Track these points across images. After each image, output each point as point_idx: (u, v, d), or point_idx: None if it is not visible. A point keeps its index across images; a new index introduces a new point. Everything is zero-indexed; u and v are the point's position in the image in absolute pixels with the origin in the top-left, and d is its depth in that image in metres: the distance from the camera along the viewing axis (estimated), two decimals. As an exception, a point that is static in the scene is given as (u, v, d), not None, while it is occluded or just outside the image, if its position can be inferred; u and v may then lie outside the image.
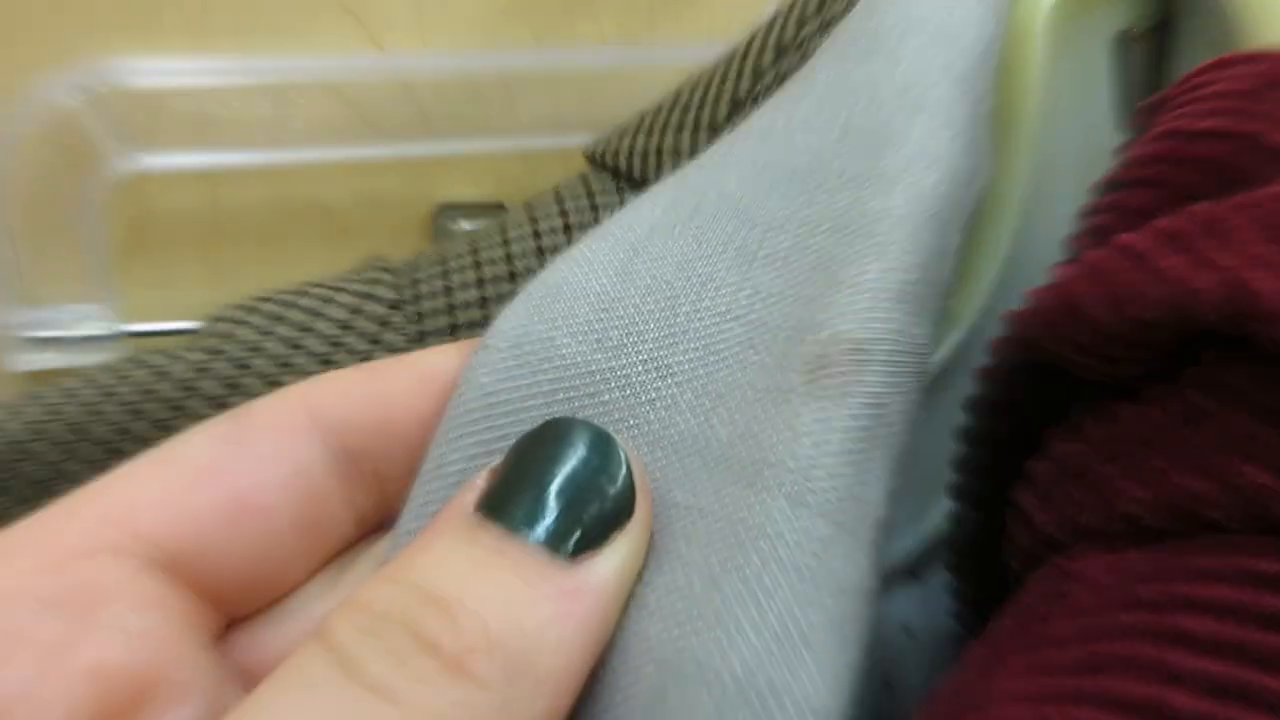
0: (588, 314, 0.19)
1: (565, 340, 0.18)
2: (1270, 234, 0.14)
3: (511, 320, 0.19)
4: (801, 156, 0.20)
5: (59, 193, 0.28)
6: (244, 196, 0.31)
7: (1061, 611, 0.14)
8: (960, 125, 0.20)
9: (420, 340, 0.26)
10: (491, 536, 0.15)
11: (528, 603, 0.15)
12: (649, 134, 0.29)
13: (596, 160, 0.29)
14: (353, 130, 0.31)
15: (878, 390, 0.17)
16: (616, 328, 0.19)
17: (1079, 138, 0.27)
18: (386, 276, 0.26)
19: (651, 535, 0.17)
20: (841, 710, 0.16)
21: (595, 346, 0.18)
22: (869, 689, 0.18)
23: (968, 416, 0.19)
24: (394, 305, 0.26)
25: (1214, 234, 0.14)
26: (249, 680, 0.17)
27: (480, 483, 0.16)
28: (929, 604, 0.28)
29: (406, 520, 0.18)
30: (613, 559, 0.16)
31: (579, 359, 0.18)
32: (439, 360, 0.19)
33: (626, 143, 0.29)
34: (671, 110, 0.29)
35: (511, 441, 0.17)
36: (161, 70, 0.28)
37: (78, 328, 0.29)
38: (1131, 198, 0.18)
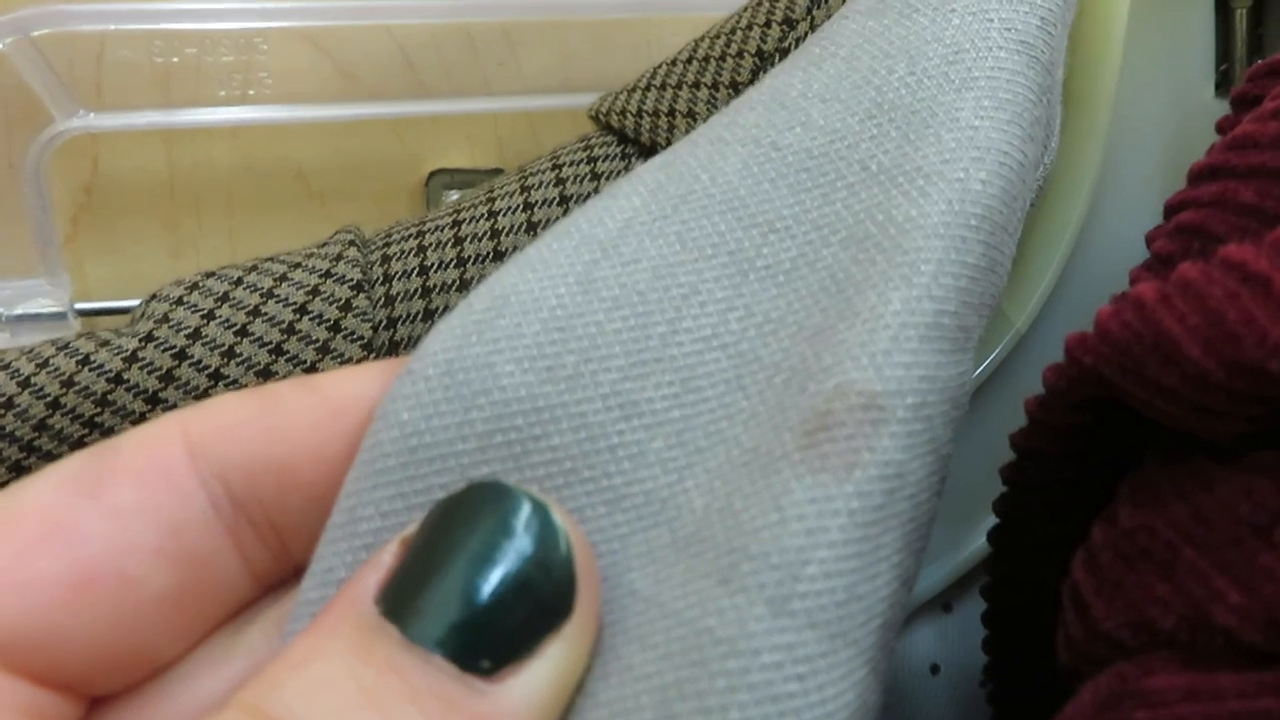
0: (538, 334, 0.15)
1: (508, 367, 0.15)
2: None
3: (444, 340, 0.15)
4: (819, 137, 0.16)
5: None
6: (207, 159, 0.28)
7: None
8: (1023, 103, 0.16)
9: (390, 327, 0.23)
10: (388, 648, 0.12)
11: None
12: (661, 91, 0.25)
13: (601, 121, 0.26)
14: (330, 85, 0.28)
15: (896, 457, 0.14)
16: (573, 352, 0.15)
17: (1165, 106, 0.22)
18: (352, 252, 0.23)
19: (604, 631, 0.14)
20: None
21: (546, 376, 0.15)
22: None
23: (1015, 454, 0.16)
24: (358, 286, 0.22)
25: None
26: None
27: (387, 559, 0.13)
28: (961, 637, 0.25)
29: (309, 588, 0.14)
30: (541, 674, 0.13)
31: (524, 391, 0.15)
32: (354, 386, 0.15)
33: (635, 101, 0.25)
34: (687, 64, 0.25)
35: (437, 495, 0.14)
36: (109, 14, 0.25)
37: (23, 305, 0.26)
38: (1240, 191, 0.14)
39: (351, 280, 0.22)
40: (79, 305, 0.26)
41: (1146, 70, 0.22)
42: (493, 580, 0.13)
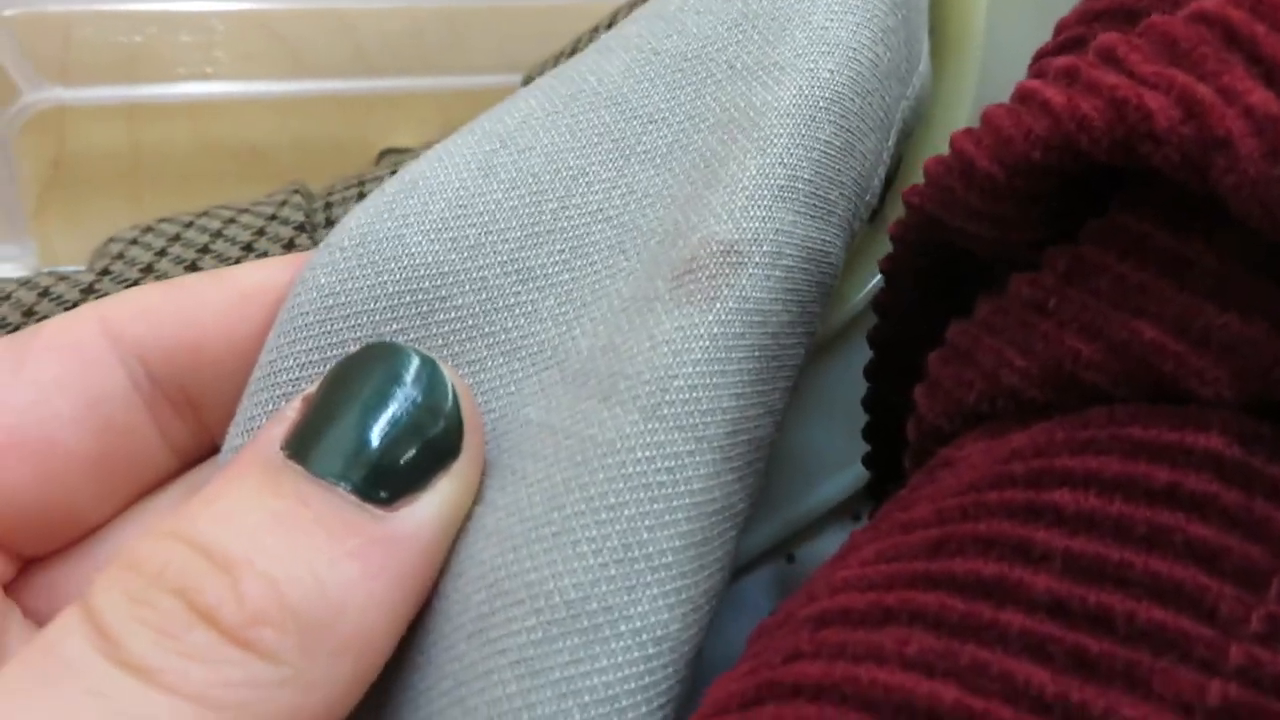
0: (443, 210, 0.17)
1: (416, 238, 0.17)
2: (1166, 54, 0.12)
3: (359, 217, 0.17)
4: (692, 43, 0.18)
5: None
6: (168, 138, 0.29)
7: (926, 496, 0.12)
8: (873, 11, 0.18)
9: (332, 270, 0.25)
10: (294, 483, 0.14)
11: (331, 561, 0.13)
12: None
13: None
14: (283, 66, 0.30)
15: (755, 295, 0.16)
16: (475, 226, 0.17)
17: (1038, 38, 0.24)
18: (296, 199, 0.25)
19: (501, 455, 0.15)
20: (692, 638, 0.14)
21: (450, 246, 0.17)
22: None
23: (876, 314, 0.17)
24: (300, 227, 0.24)
25: (1108, 60, 0.12)
26: (46, 623, 0.15)
27: (290, 413, 0.15)
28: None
29: (233, 435, 0.16)
30: (433, 503, 0.14)
31: (431, 259, 0.17)
32: (264, 275, 0.17)
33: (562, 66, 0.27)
34: (607, 29, 0.27)
35: (351, 349, 0.16)
36: (74, -5, 0.27)
37: (-6, 268, 0.28)
38: (1052, 64, 0.16)
39: (295, 222, 0.24)
40: (46, 270, 0.28)
41: (1017, 2, 0.24)
42: (386, 423, 0.14)
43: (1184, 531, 0.11)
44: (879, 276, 0.23)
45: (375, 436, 0.14)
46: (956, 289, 0.16)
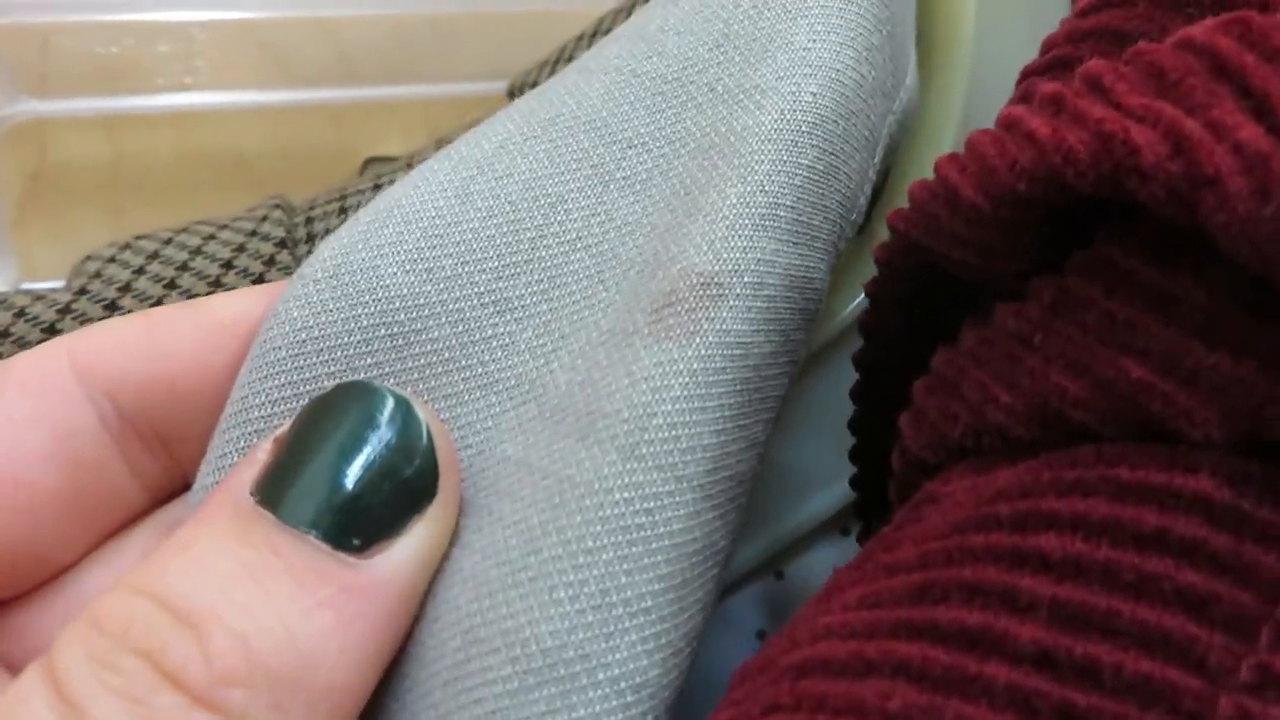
0: (419, 240, 0.16)
1: (391, 269, 0.16)
2: (1154, 84, 0.12)
3: (332, 247, 0.16)
4: (673, 65, 0.18)
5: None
6: (150, 148, 0.29)
7: (910, 537, 0.12)
8: (856, 29, 0.18)
9: (315, 285, 0.24)
10: (265, 531, 0.13)
11: (303, 612, 0.13)
12: (567, 65, 0.27)
13: (514, 95, 0.27)
14: (266, 75, 0.30)
15: (736, 328, 0.15)
16: (451, 256, 0.17)
17: (1027, 47, 0.24)
18: (277, 214, 0.24)
19: (478, 494, 0.15)
20: (671, 683, 0.14)
21: (426, 277, 0.16)
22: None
23: (861, 335, 0.17)
24: (281, 243, 0.24)
25: (1094, 90, 0.12)
26: (17, 669, 0.15)
27: (261, 455, 0.14)
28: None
29: (204, 474, 0.16)
30: (408, 547, 0.14)
31: (406, 290, 0.16)
32: (237, 306, 0.16)
33: (545, 76, 0.27)
34: (592, 39, 0.27)
35: (324, 384, 0.16)
36: (52, 5, 0.26)
37: (-28, 282, 0.27)
38: (1039, 88, 0.16)
39: (276, 238, 0.24)
40: (25, 285, 0.28)
41: (1011, 22, 0.24)
42: (359, 467, 0.14)
43: (1172, 578, 0.10)
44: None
45: (348, 481, 0.14)
46: (942, 312, 0.16)
